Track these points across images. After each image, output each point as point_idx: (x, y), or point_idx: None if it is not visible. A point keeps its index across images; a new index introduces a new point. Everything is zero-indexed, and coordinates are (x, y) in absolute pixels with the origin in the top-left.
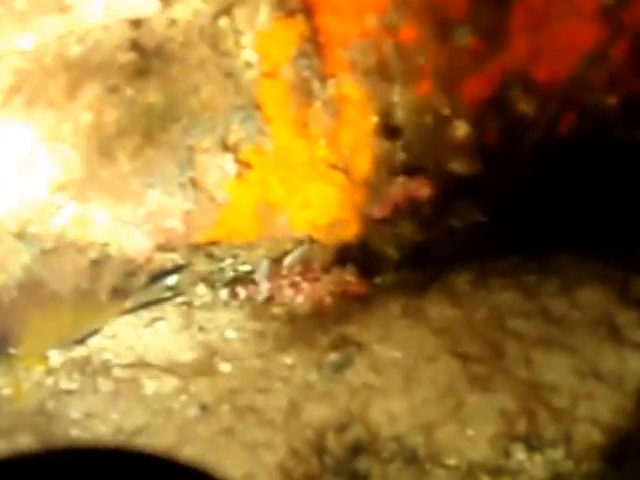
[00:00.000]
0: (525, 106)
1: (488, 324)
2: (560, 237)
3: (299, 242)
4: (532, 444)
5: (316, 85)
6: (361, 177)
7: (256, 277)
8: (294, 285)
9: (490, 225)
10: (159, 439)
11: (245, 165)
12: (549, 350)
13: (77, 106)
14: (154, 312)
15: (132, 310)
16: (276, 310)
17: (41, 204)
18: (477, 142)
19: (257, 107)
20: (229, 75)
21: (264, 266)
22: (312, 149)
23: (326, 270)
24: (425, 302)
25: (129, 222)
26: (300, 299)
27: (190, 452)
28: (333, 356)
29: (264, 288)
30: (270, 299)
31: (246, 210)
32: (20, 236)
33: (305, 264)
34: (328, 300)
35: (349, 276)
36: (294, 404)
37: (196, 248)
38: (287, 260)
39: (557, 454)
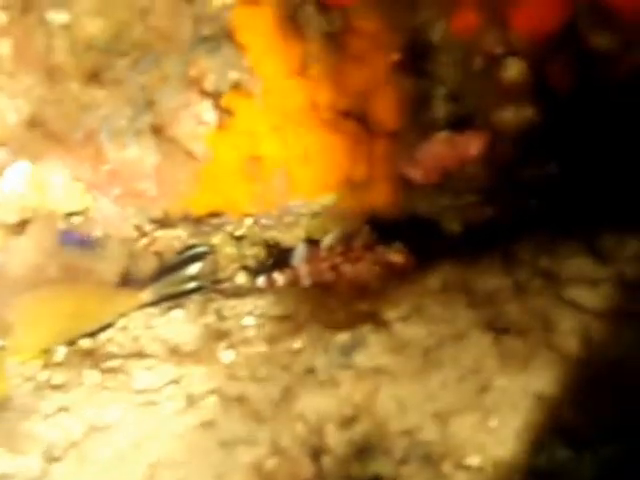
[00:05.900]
0: (601, 41)
1: (543, 293)
2: None
3: (339, 220)
4: (579, 439)
5: (311, 13)
6: (383, 127)
7: (294, 262)
8: (335, 268)
9: (562, 183)
10: (126, 435)
11: (226, 112)
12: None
13: None
14: (176, 300)
15: (154, 304)
16: (308, 294)
17: None
18: (537, 85)
19: (229, 37)
20: None
21: (300, 249)
22: (312, 91)
23: (369, 248)
24: (472, 274)
25: (93, 184)
26: (341, 283)
27: (155, 449)
28: (343, 337)
29: (303, 273)
30: (310, 285)
31: (233, 168)
32: None
33: (346, 243)
34: (372, 282)
35: (396, 255)
36: (288, 394)
37: (198, 222)
38: (326, 240)
39: (610, 451)
